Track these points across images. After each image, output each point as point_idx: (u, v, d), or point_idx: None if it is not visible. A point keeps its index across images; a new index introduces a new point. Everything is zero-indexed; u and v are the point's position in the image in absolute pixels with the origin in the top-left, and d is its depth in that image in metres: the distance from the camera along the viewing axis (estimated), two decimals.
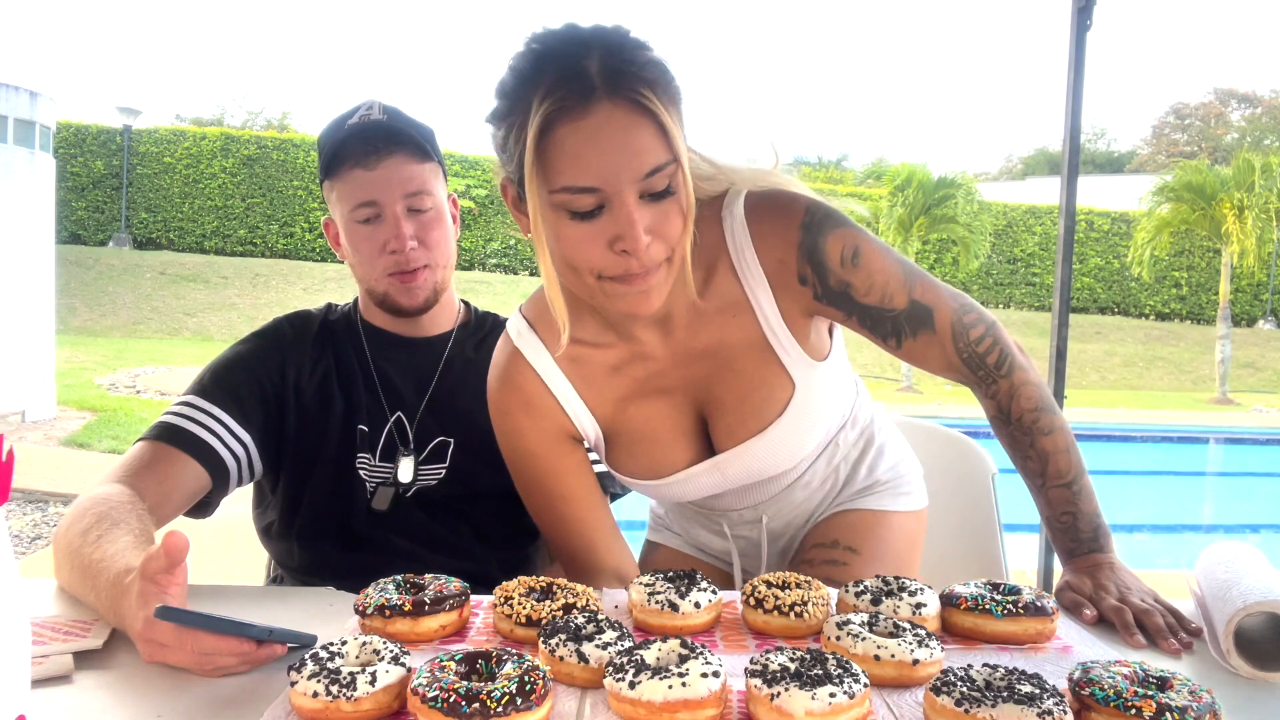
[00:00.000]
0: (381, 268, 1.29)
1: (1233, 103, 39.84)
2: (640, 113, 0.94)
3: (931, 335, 1.13)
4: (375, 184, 1.26)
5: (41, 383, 7.08)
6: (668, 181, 0.96)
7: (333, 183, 1.30)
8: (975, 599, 0.95)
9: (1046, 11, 3.92)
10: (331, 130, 1.32)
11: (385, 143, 1.27)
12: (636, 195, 0.95)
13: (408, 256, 1.28)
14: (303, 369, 1.35)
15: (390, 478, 1.33)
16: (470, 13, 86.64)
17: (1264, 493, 8.30)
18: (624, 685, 0.74)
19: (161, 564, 0.86)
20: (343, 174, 1.28)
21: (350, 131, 1.27)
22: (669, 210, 0.97)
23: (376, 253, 1.28)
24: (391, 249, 1.27)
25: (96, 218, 17.29)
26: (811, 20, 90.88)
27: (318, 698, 0.73)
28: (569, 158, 0.94)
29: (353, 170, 1.27)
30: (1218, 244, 14.31)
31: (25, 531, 4.38)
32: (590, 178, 0.94)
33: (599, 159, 0.93)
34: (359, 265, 1.32)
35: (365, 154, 1.26)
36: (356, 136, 1.27)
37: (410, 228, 1.27)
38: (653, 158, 0.94)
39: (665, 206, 0.97)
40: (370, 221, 1.28)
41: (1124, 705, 0.72)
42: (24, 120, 6.96)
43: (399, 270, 1.29)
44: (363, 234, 1.29)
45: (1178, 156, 31.94)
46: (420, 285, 1.31)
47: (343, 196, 1.29)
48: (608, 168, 0.93)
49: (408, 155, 1.28)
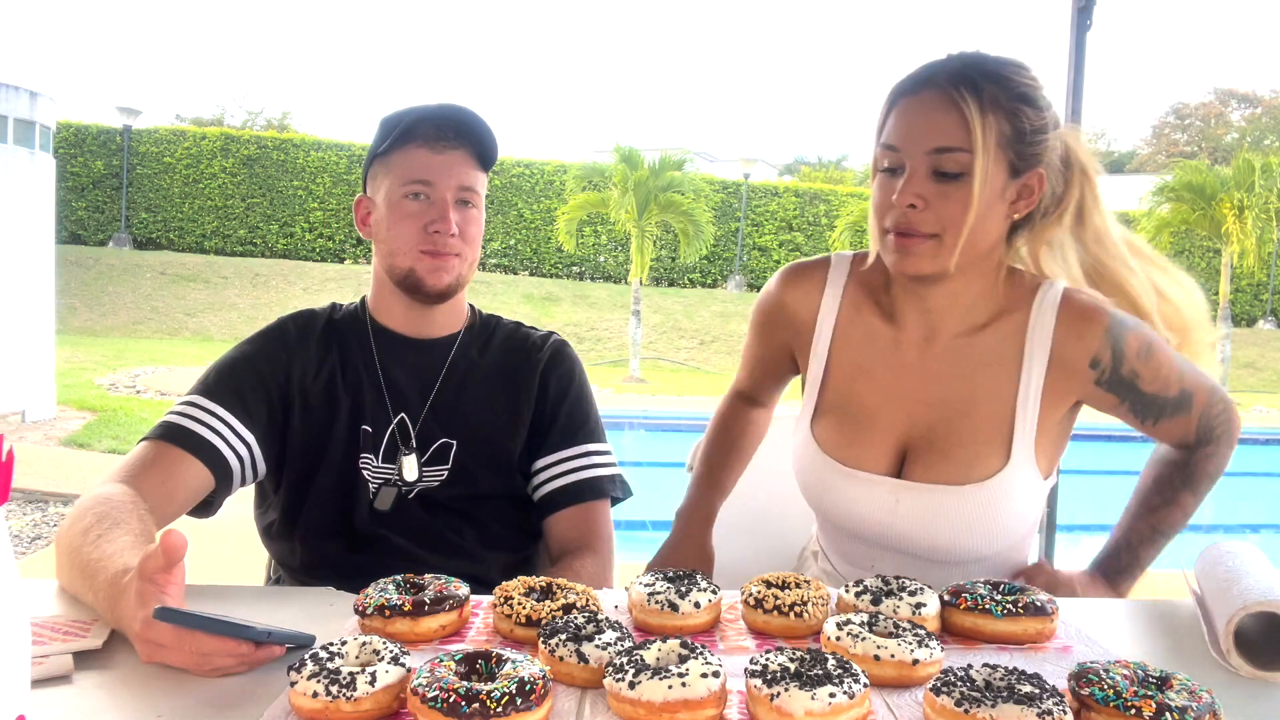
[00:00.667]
0: (416, 242, 1.30)
1: (1233, 103, 39.83)
2: (950, 102, 1.11)
3: (1186, 418, 1.25)
4: (435, 167, 1.30)
5: (41, 383, 7.07)
6: (959, 168, 1.11)
7: (389, 156, 1.32)
8: (975, 599, 0.95)
9: (1046, 11, 3.94)
10: (400, 113, 1.33)
11: (456, 136, 1.31)
12: (927, 168, 1.12)
13: (447, 241, 1.30)
14: (307, 368, 1.35)
15: (393, 478, 1.33)
16: (470, 13, 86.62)
17: (1264, 493, 8.29)
18: (624, 685, 0.74)
19: (159, 563, 0.86)
20: (407, 149, 1.30)
21: (426, 113, 1.31)
22: (951, 193, 1.12)
23: (416, 229, 1.30)
24: (434, 229, 1.29)
25: (96, 218, 17.28)
26: (811, 20, 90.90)
27: (317, 698, 0.73)
28: (891, 123, 1.17)
29: (418, 149, 1.30)
30: (1218, 244, 14.30)
31: (25, 531, 4.38)
32: (894, 138, 1.16)
33: (904, 127, 1.15)
34: (392, 239, 1.32)
35: (435, 139, 1.30)
36: (430, 120, 1.30)
37: (456, 217, 1.31)
38: (944, 138, 1.11)
39: (949, 189, 1.12)
40: (420, 198, 1.30)
41: (1124, 705, 0.72)
42: (24, 120, 6.95)
43: (433, 249, 1.30)
44: (409, 209, 1.30)
45: (1178, 156, 31.95)
46: (448, 268, 1.32)
47: (398, 170, 1.31)
48: (906, 135, 1.14)
49: (470, 155, 1.33)
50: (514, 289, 16.41)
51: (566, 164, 17.05)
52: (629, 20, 26.73)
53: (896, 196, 1.14)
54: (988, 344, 1.24)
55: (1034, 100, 1.14)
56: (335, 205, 17.39)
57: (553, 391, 1.41)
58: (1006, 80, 1.13)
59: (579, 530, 1.34)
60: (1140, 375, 1.21)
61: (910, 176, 1.13)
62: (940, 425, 1.23)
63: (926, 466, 1.23)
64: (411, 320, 1.38)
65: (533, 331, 1.48)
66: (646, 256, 13.48)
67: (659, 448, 7.60)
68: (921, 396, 1.25)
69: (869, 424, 1.27)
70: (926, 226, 1.13)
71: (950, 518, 1.21)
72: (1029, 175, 1.16)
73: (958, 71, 1.13)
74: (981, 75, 1.12)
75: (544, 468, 1.38)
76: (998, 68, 1.14)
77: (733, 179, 18.60)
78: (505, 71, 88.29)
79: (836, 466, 1.27)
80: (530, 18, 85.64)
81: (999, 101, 1.12)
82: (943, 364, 1.25)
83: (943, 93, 1.12)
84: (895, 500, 1.24)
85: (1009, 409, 1.21)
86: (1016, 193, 1.17)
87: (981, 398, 1.23)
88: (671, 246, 16.20)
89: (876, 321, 1.29)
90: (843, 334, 1.30)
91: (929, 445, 1.24)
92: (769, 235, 18.26)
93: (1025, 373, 1.21)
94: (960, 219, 1.12)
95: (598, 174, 13.73)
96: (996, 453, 1.21)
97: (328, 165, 17.42)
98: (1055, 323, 1.20)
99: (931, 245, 1.14)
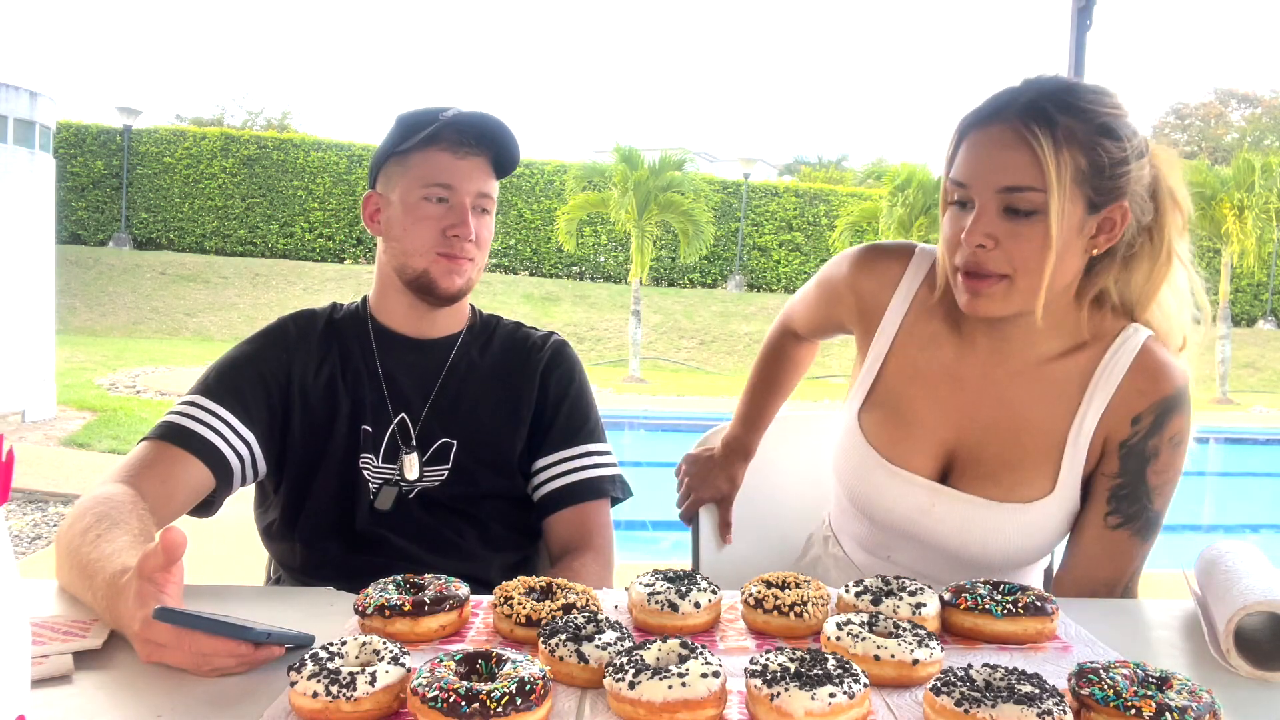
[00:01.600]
0: (433, 245, 1.31)
1: (1233, 103, 39.82)
2: (1021, 138, 1.07)
3: (1141, 547, 1.20)
4: (458, 173, 1.31)
5: (41, 383, 7.07)
6: (1031, 206, 1.07)
7: (407, 156, 1.32)
8: (975, 599, 0.95)
9: (1046, 11, 3.95)
10: (418, 115, 1.33)
11: (478, 142, 1.32)
12: (998, 205, 1.09)
13: (464, 245, 1.31)
14: (308, 368, 1.35)
15: (394, 478, 1.33)
16: (471, 13, 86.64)
17: (1264, 493, 8.29)
18: (624, 685, 0.74)
19: (159, 561, 0.86)
20: (429, 152, 1.31)
21: (448, 120, 1.31)
22: (1023, 232, 1.08)
23: (435, 231, 1.30)
24: (453, 233, 1.30)
25: (96, 218, 17.28)
26: (812, 20, 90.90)
27: (317, 698, 0.73)
28: (961, 157, 1.13)
29: (441, 153, 1.30)
30: (1218, 244, 14.30)
31: (25, 531, 4.38)
32: (962, 174, 1.12)
33: (973, 163, 1.11)
34: (408, 239, 1.31)
35: (459, 144, 1.31)
36: (454, 126, 1.31)
37: (474, 221, 1.31)
38: (1015, 176, 1.07)
39: (1022, 228, 1.08)
40: (439, 202, 1.30)
41: (1124, 705, 0.72)
42: (24, 120, 6.95)
43: (450, 252, 1.31)
44: (427, 211, 1.30)
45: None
46: (462, 272, 1.33)
47: (419, 172, 1.31)
48: (975, 172, 1.11)
49: (488, 163, 1.34)
50: (514, 289, 16.41)
51: (566, 164, 17.06)
52: (629, 20, 26.51)
53: (965, 235, 1.10)
54: (1057, 374, 1.21)
55: (1114, 131, 1.09)
56: (335, 205, 17.39)
57: (553, 391, 1.41)
58: (1084, 111, 1.08)
59: (579, 530, 1.34)
60: (1156, 461, 1.18)
61: (980, 214, 1.10)
62: (991, 445, 1.22)
63: (972, 480, 1.22)
64: (413, 320, 1.38)
65: (533, 332, 1.48)
66: (646, 256, 13.48)
67: (659, 448, 7.60)
68: (976, 414, 1.24)
69: (917, 427, 1.26)
70: (997, 266, 1.11)
71: (985, 529, 1.21)
72: (1111, 209, 1.11)
73: (1031, 103, 1.08)
74: (1057, 106, 1.08)
75: (544, 468, 1.38)
76: (1074, 97, 1.09)
77: (733, 179, 18.61)
78: (505, 71, 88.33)
79: (880, 460, 1.27)
80: (531, 18, 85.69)
81: (1075, 135, 1.07)
82: (1006, 390, 1.23)
83: (1013, 127, 1.08)
84: (932, 504, 1.24)
85: (1062, 438, 1.20)
86: (1097, 227, 1.12)
87: (1037, 423, 1.21)
88: (671, 246, 16.20)
89: (944, 330, 1.27)
90: (908, 332, 1.28)
91: (975, 460, 1.23)
92: (769, 235, 18.26)
93: (1084, 406, 1.19)
94: (1033, 259, 1.09)
95: (598, 174, 13.73)
96: (1043, 478, 1.20)
97: (328, 165, 17.43)
98: (1128, 368, 1.18)
99: (1003, 286, 1.12)
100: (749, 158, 21.00)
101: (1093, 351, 1.20)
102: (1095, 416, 1.19)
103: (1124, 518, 1.19)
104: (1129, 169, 1.10)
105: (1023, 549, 1.23)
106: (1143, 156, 1.13)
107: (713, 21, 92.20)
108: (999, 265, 1.10)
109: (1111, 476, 1.19)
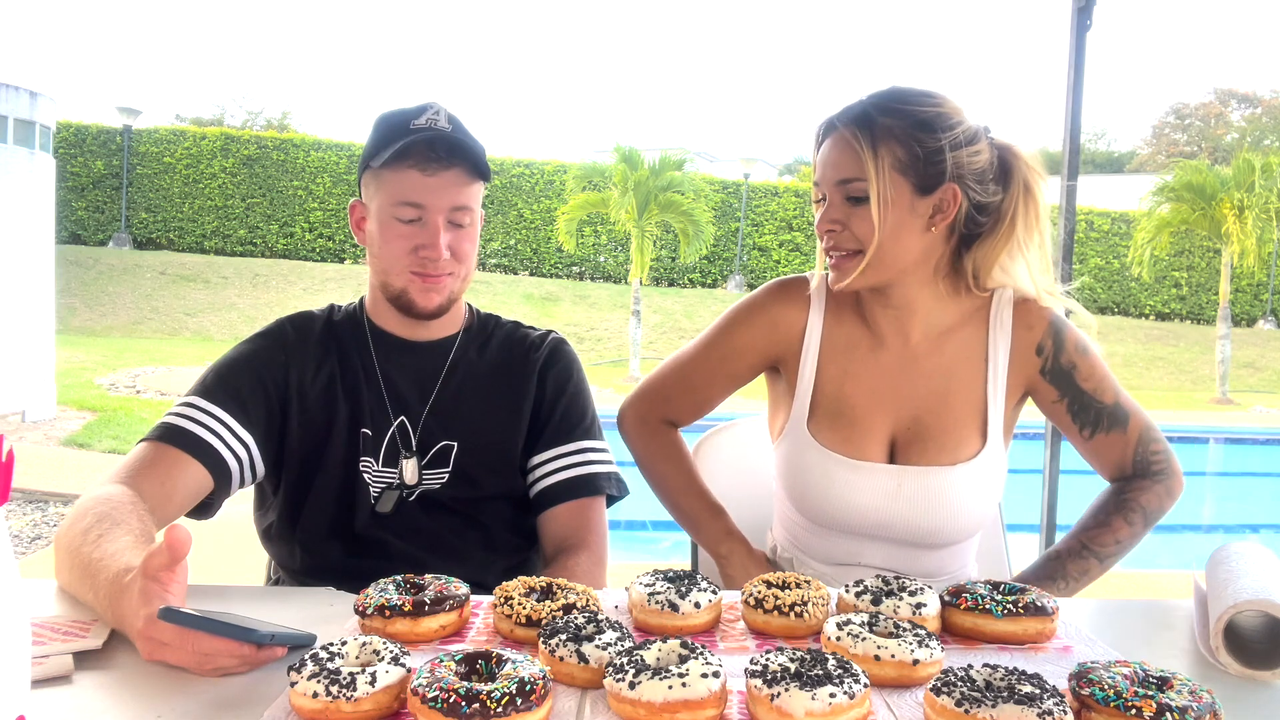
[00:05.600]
0: (407, 264, 1.30)
1: (1233, 103, 39.78)
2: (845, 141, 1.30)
3: (1121, 435, 1.38)
4: (428, 190, 1.27)
5: (41, 383, 7.07)
6: (862, 193, 1.28)
7: (380, 171, 1.29)
8: (975, 599, 0.95)
9: (1046, 11, 3.91)
10: (393, 124, 1.30)
11: (449, 155, 1.28)
12: (840, 196, 1.31)
13: (437, 264, 1.29)
14: (306, 371, 1.35)
15: (394, 482, 1.33)
16: (471, 13, 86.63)
17: (1264, 493, 8.29)
18: (624, 685, 0.74)
19: (164, 560, 0.86)
20: (399, 169, 1.28)
21: (417, 135, 1.27)
22: (860, 213, 1.29)
23: (406, 250, 1.29)
24: (424, 254, 1.28)
25: (96, 218, 17.27)
26: (811, 20, 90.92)
27: (317, 698, 0.73)
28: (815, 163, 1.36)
29: (409, 170, 1.27)
30: (1218, 244, 14.29)
31: (25, 531, 4.38)
32: (816, 175, 1.36)
33: (820, 166, 1.35)
34: (383, 257, 1.31)
35: (427, 160, 1.27)
36: (423, 142, 1.27)
37: (447, 238, 1.29)
38: (845, 171, 1.29)
39: (858, 210, 1.29)
40: (411, 222, 1.29)
41: (1124, 705, 0.72)
42: (24, 120, 6.95)
43: (424, 271, 1.29)
44: (399, 230, 1.29)
45: (1178, 156, 31.92)
46: (440, 289, 1.31)
47: (390, 190, 1.29)
48: (821, 172, 1.34)
49: (464, 172, 1.30)
50: (514, 289, 16.40)
51: (566, 164, 17.05)
52: (629, 20, 26.51)
53: (818, 224, 1.34)
54: (957, 345, 1.39)
55: (931, 124, 1.27)
56: (335, 205, 17.38)
57: (550, 388, 1.41)
58: (902, 111, 1.28)
59: (573, 527, 1.34)
60: (1078, 368, 1.37)
61: (829, 206, 1.33)
62: (925, 416, 1.37)
63: (919, 453, 1.36)
64: (409, 325, 1.38)
65: (531, 331, 1.48)
66: (646, 256, 13.48)
67: None
68: (904, 392, 1.38)
69: (861, 421, 1.38)
70: (848, 244, 1.31)
71: (945, 495, 1.34)
72: (941, 191, 1.28)
73: (858, 112, 1.30)
74: (879, 110, 1.29)
75: (540, 464, 1.38)
76: (895, 101, 1.29)
77: (733, 179, 18.59)
78: (506, 71, 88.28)
79: (839, 459, 1.36)
80: (531, 18, 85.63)
81: (892, 131, 1.27)
82: (919, 363, 1.39)
83: (840, 133, 1.31)
84: (898, 484, 1.34)
85: (981, 397, 1.37)
86: (932, 207, 1.29)
87: (957, 389, 1.37)
88: (671, 246, 16.20)
89: (857, 330, 1.42)
90: (829, 342, 1.42)
91: (915, 435, 1.37)
92: (769, 235, 18.26)
93: (991, 364, 1.38)
94: (867, 234, 1.29)
95: (598, 174, 13.72)
96: (975, 436, 1.36)
97: (328, 165, 17.41)
98: (1011, 319, 1.38)
99: (856, 260, 1.31)
100: (749, 158, 20.99)
101: (977, 319, 1.40)
102: (1004, 368, 1.37)
103: (1092, 425, 1.38)
104: (946, 156, 1.27)
105: (978, 507, 1.36)
106: (969, 145, 1.29)
107: (712, 22, 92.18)
108: (849, 243, 1.31)
109: (1056, 401, 1.39)
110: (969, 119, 1.31)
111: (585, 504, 1.36)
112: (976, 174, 1.30)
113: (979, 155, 1.30)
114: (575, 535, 1.33)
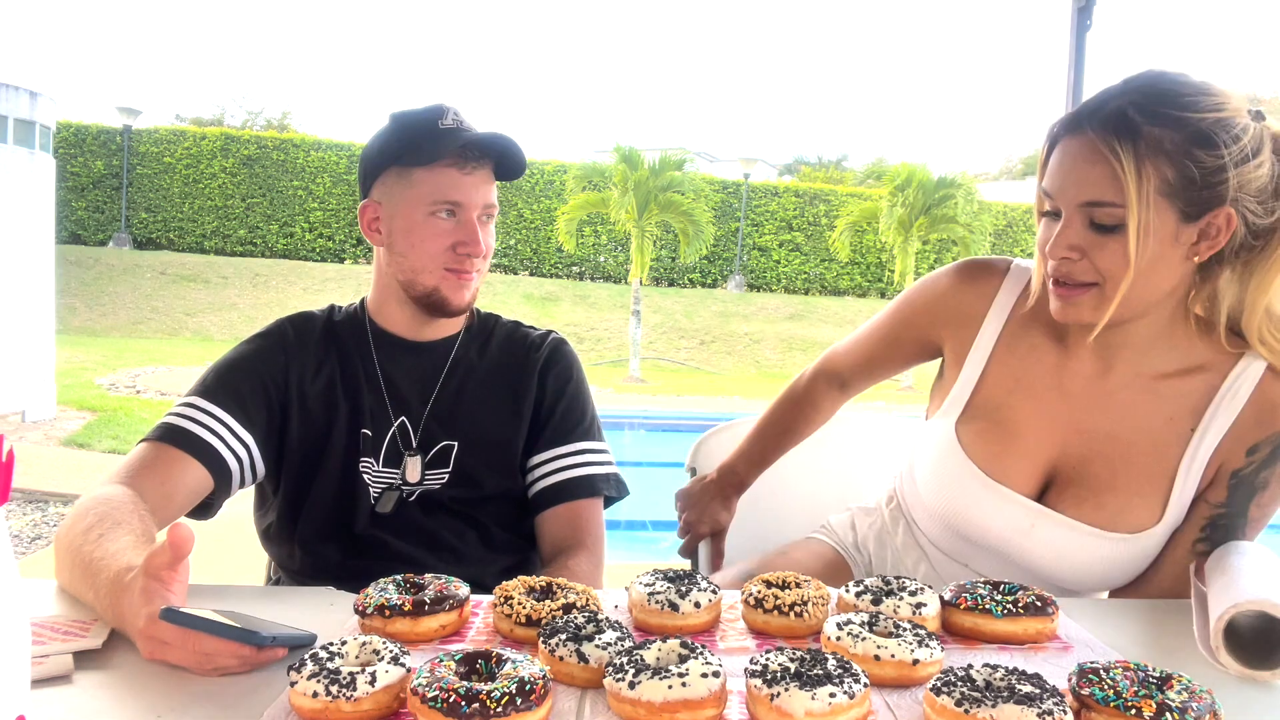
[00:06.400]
0: (443, 261, 1.31)
1: None
2: (1100, 153, 1.05)
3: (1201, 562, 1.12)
4: (466, 187, 1.30)
5: (41, 383, 7.07)
6: (1114, 220, 1.05)
7: (410, 170, 1.29)
8: (975, 599, 0.95)
9: (1046, 11, 3.94)
10: (417, 124, 1.31)
11: (482, 154, 1.31)
12: (1083, 219, 1.07)
13: (473, 260, 1.31)
14: (306, 371, 1.35)
15: (395, 482, 1.33)
16: (471, 13, 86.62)
17: None
18: (624, 685, 0.74)
19: (166, 558, 0.86)
20: (435, 168, 1.29)
21: (449, 134, 1.29)
22: (1109, 244, 1.06)
23: (444, 247, 1.30)
24: (463, 250, 1.30)
25: (96, 218, 17.28)
26: (812, 20, 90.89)
27: (317, 698, 0.73)
28: (1050, 167, 1.11)
29: (447, 169, 1.29)
30: None
31: (25, 531, 4.37)
32: (1049, 185, 1.11)
33: (1059, 176, 1.09)
34: (415, 255, 1.31)
35: (464, 158, 1.29)
36: (455, 139, 1.29)
37: (481, 234, 1.31)
38: (1095, 192, 1.05)
39: (1106, 240, 1.07)
40: (448, 216, 1.30)
41: (1124, 705, 0.72)
42: (24, 120, 6.94)
43: (459, 268, 1.31)
44: (436, 228, 1.30)
45: None
46: (469, 285, 1.33)
47: (425, 188, 1.29)
48: (1060, 185, 1.09)
49: (491, 171, 1.34)
50: (514, 289, 16.41)
51: (566, 164, 17.06)
52: (629, 20, 26.50)
53: (1050, 247, 1.10)
54: (1169, 393, 1.16)
55: (1211, 138, 1.02)
56: (335, 205, 17.39)
57: (550, 388, 1.41)
58: (1176, 119, 1.02)
59: (570, 528, 1.34)
60: (1264, 493, 1.14)
61: (1065, 226, 1.09)
62: (1097, 461, 1.18)
63: (1074, 501, 1.18)
64: (413, 324, 1.38)
65: (531, 331, 1.48)
66: (646, 256, 13.48)
67: (659, 448, 7.60)
68: (1082, 427, 1.20)
69: (1018, 440, 1.21)
70: (1085, 276, 1.09)
71: (1084, 557, 1.17)
72: (1212, 215, 1.05)
73: (1117, 111, 1.04)
74: (1145, 115, 1.03)
75: (539, 464, 1.38)
76: (1166, 104, 1.03)
77: (733, 179, 18.61)
78: (505, 71, 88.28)
79: (979, 474, 1.22)
80: (531, 18, 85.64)
81: (1162, 146, 1.02)
82: (1114, 402, 1.19)
83: (1096, 139, 1.05)
84: (1031, 525, 1.19)
85: (1174, 463, 1.15)
86: (1197, 234, 1.06)
87: (1147, 443, 1.16)
88: (671, 246, 16.21)
89: (1045, 340, 1.24)
90: (1006, 343, 1.26)
91: (1079, 479, 1.18)
92: (769, 235, 18.27)
93: (1200, 434, 1.14)
94: (1120, 270, 1.06)
95: (598, 174, 13.73)
96: (1151, 507, 1.15)
97: (328, 165, 17.42)
98: (1249, 397, 1.13)
99: (1093, 295, 1.10)
100: (749, 158, 20.99)
101: (1210, 376, 1.15)
102: (1212, 444, 1.14)
103: (1211, 546, 1.13)
104: (1228, 175, 1.03)
105: (1119, 579, 1.19)
106: (1254, 157, 1.04)
107: (712, 22, 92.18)
108: (1086, 275, 1.09)
109: (1215, 505, 1.15)
110: (1246, 114, 1.05)
111: (583, 505, 1.36)
112: (1257, 191, 1.05)
113: (1262, 167, 1.05)
114: (573, 536, 1.33)
